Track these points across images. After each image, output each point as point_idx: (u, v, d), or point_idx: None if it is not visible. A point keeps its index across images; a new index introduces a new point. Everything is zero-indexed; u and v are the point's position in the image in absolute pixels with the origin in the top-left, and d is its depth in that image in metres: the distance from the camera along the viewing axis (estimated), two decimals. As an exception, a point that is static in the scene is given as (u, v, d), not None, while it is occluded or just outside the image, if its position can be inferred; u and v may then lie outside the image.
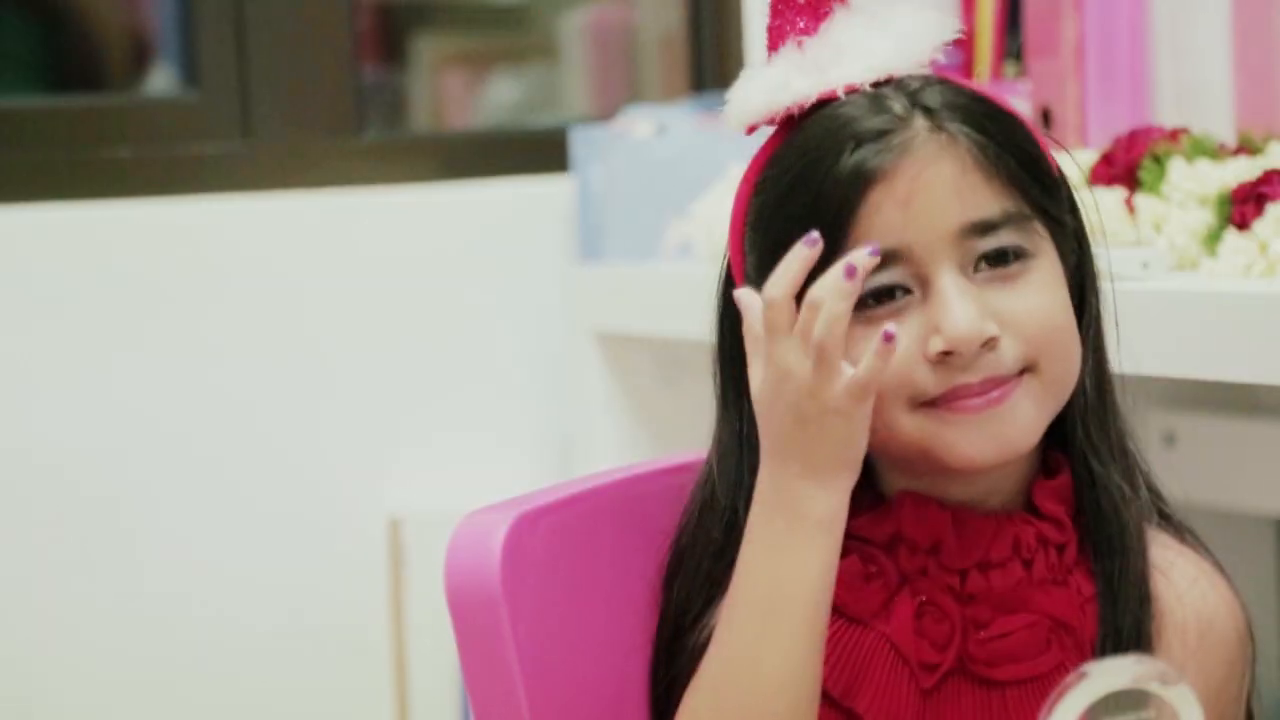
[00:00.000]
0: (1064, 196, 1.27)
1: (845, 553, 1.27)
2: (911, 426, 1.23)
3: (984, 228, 1.22)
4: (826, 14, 1.26)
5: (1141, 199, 1.68)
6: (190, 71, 2.53)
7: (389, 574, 2.46)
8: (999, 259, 1.23)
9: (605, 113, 2.71)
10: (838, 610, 1.26)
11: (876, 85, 1.24)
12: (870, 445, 1.26)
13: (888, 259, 1.21)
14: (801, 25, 1.26)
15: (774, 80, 1.26)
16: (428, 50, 3.07)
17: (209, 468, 2.41)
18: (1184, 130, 1.75)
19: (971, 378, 1.22)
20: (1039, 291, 1.23)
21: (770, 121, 1.28)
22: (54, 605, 2.36)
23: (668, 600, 1.34)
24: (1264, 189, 1.60)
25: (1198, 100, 1.93)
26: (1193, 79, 1.94)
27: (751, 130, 1.29)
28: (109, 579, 2.38)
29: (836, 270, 1.18)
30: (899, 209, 1.21)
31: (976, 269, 1.23)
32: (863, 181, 1.21)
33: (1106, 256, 1.31)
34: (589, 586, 1.33)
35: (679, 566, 1.33)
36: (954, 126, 1.22)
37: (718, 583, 1.29)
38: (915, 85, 1.24)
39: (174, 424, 2.40)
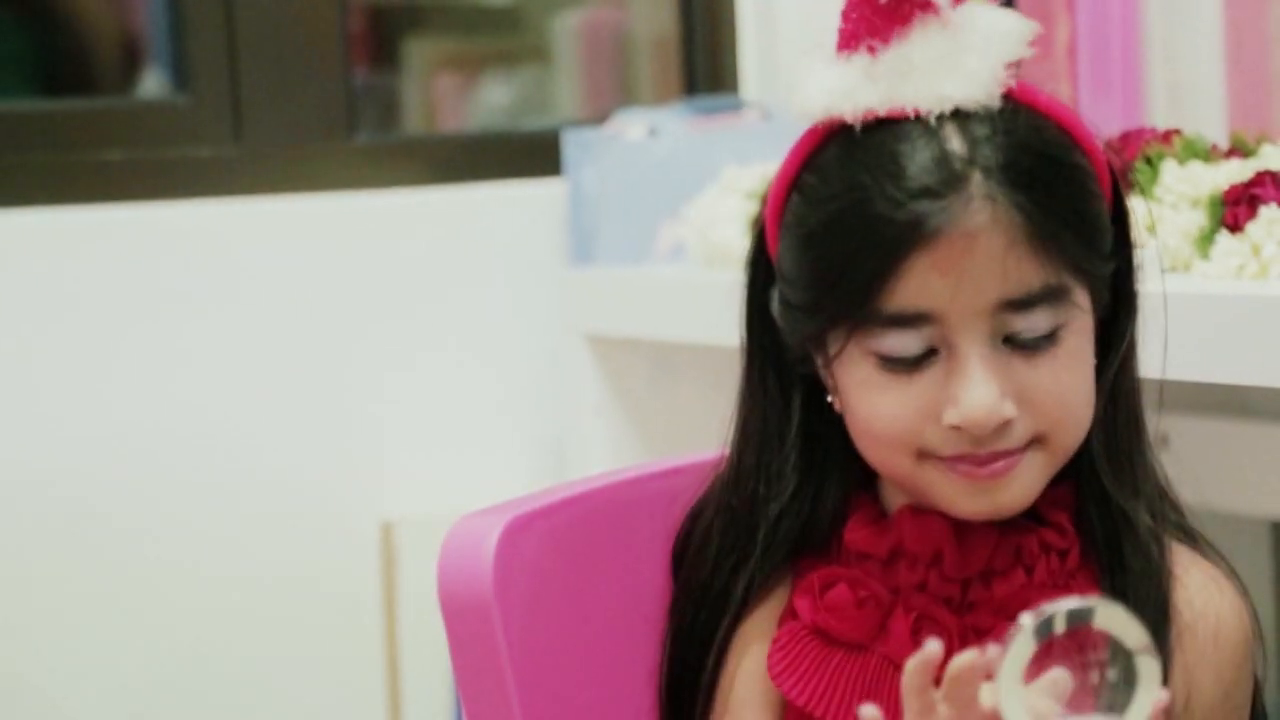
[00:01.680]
0: (1109, 242, 1.24)
1: (834, 582, 1.28)
2: (913, 472, 1.24)
3: (1021, 304, 1.20)
4: (905, 21, 1.22)
5: (1134, 201, 1.68)
6: (181, 75, 2.53)
7: (382, 577, 2.46)
8: (1029, 329, 1.22)
9: (597, 115, 2.71)
10: (836, 641, 1.27)
11: (941, 116, 1.20)
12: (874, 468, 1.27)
13: (919, 320, 1.20)
14: (878, 30, 1.22)
15: (838, 85, 1.22)
16: (420, 53, 3.07)
17: (201, 472, 2.41)
18: (1176, 132, 1.75)
19: (979, 450, 1.22)
20: (1063, 369, 1.22)
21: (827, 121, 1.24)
22: (45, 608, 2.36)
23: (684, 583, 1.34)
24: (1256, 191, 1.60)
25: (1190, 102, 1.93)
26: (1185, 80, 1.95)
27: (815, 138, 1.25)
28: (99, 581, 2.37)
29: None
30: (940, 276, 1.19)
31: (1005, 338, 1.21)
32: (909, 243, 1.19)
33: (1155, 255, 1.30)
34: (582, 590, 1.33)
35: (698, 546, 1.33)
36: (1009, 194, 1.19)
37: (740, 551, 1.29)
38: (980, 131, 1.20)
39: (166, 428, 2.40)
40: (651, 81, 2.91)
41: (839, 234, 1.21)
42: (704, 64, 2.74)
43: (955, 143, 1.20)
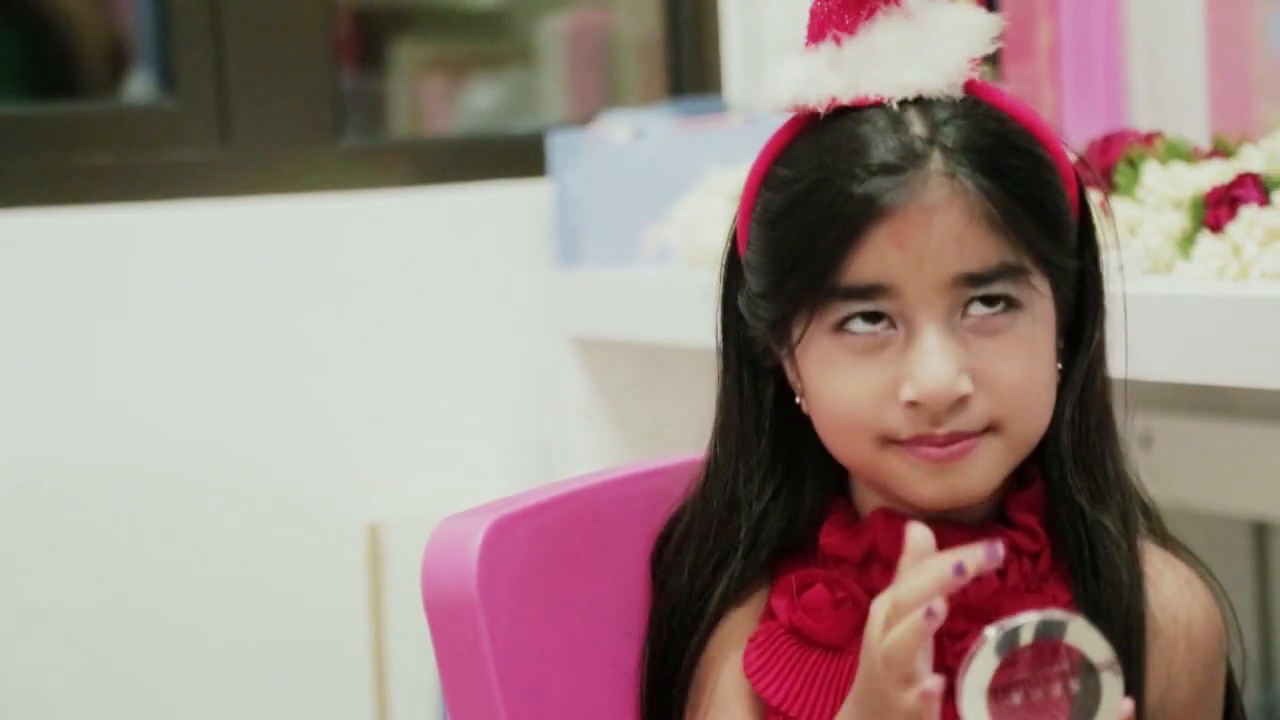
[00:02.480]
0: (1072, 239, 1.25)
1: (811, 583, 1.28)
2: (875, 459, 1.24)
3: (977, 280, 1.22)
4: (870, 13, 1.24)
5: (1116, 202, 1.68)
6: (168, 78, 2.53)
7: (369, 579, 2.46)
8: (986, 303, 1.22)
9: (583, 117, 2.71)
10: (814, 642, 1.27)
11: (904, 103, 1.23)
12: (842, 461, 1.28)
13: (877, 292, 1.21)
14: (842, 21, 1.24)
15: (804, 74, 1.25)
16: (406, 56, 3.07)
17: (188, 473, 2.41)
18: (1158, 134, 1.76)
19: (937, 429, 1.22)
20: (1020, 349, 1.22)
21: (794, 110, 1.26)
22: (29, 608, 2.36)
23: (661, 586, 1.34)
24: (1237, 192, 1.61)
25: (1172, 104, 1.94)
26: (1167, 83, 1.95)
27: (790, 129, 1.28)
28: (84, 581, 2.37)
29: (938, 571, 1.13)
30: (897, 249, 1.20)
31: (963, 315, 1.23)
32: (867, 217, 1.20)
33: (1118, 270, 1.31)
34: (566, 591, 1.34)
35: (677, 547, 1.33)
36: (967, 174, 1.21)
37: (719, 552, 1.30)
38: (941, 115, 1.23)
39: (152, 430, 2.40)
40: (637, 84, 2.92)
41: (801, 213, 1.23)
42: (689, 66, 2.75)
43: (917, 126, 1.22)
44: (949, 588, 1.11)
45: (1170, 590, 1.28)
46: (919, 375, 1.21)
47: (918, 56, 1.23)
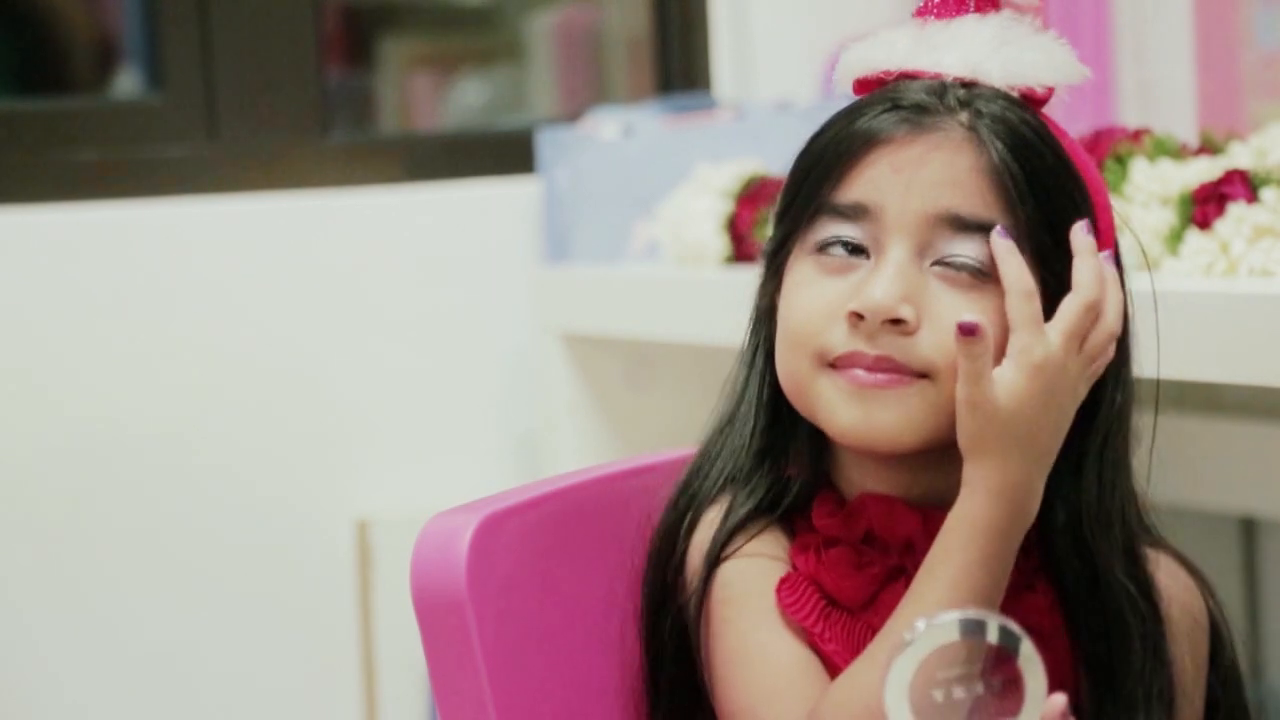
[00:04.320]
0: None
1: (836, 542, 1.28)
2: (808, 381, 1.26)
3: (961, 224, 1.23)
4: (963, 11, 1.29)
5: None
6: (156, 74, 2.53)
7: (357, 576, 2.46)
8: (961, 258, 1.23)
9: (572, 114, 2.71)
10: (834, 600, 1.27)
11: (959, 80, 1.26)
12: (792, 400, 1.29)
13: (860, 212, 1.24)
14: (941, 8, 1.29)
15: (883, 41, 1.30)
16: (395, 52, 3.07)
17: (176, 470, 2.41)
18: (1146, 130, 1.76)
19: (869, 349, 1.24)
20: (978, 310, 1.22)
21: (865, 80, 1.30)
22: (16, 607, 2.35)
23: (657, 567, 1.33)
24: (1225, 189, 1.61)
25: (1160, 100, 1.94)
26: (1155, 79, 1.96)
27: (859, 91, 1.31)
28: (72, 580, 2.37)
29: (1111, 272, 1.24)
30: (892, 172, 1.24)
31: (935, 262, 1.23)
32: (873, 139, 1.24)
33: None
34: (555, 587, 1.34)
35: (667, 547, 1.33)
36: (989, 135, 1.24)
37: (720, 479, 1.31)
38: (986, 92, 1.26)
39: (140, 427, 2.40)
40: (626, 80, 2.92)
41: (825, 139, 1.27)
42: (678, 63, 2.75)
43: (960, 91, 1.25)
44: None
45: (1164, 580, 1.31)
46: (866, 287, 1.23)
47: (991, 51, 1.27)
